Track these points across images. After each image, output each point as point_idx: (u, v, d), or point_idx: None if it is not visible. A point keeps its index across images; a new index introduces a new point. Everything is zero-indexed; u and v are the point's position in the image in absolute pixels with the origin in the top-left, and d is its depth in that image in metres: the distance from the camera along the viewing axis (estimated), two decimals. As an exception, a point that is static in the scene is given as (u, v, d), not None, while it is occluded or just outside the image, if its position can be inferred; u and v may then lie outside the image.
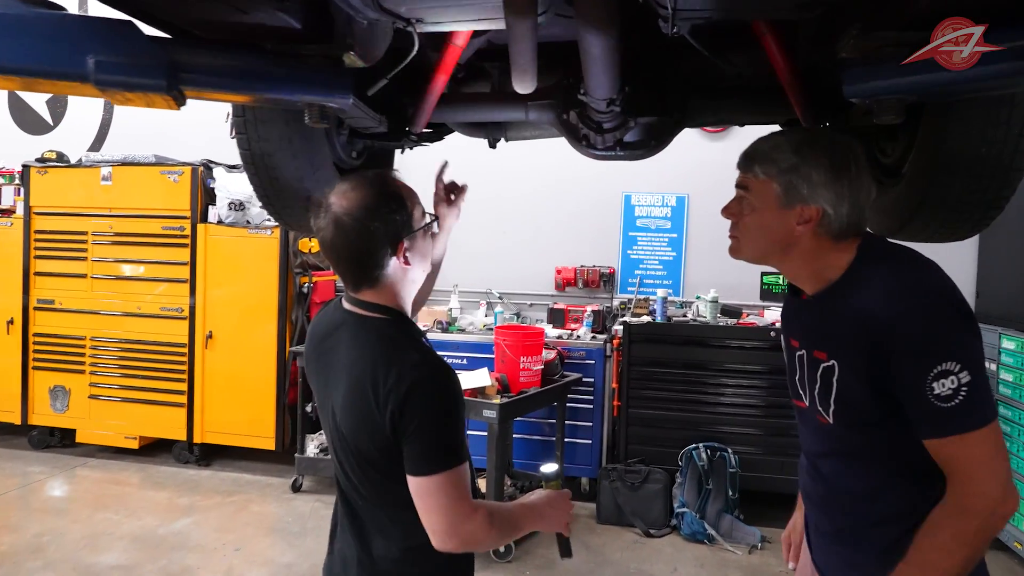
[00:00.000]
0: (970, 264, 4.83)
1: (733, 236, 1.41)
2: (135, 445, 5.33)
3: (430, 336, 5.03)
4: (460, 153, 5.68)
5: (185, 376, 5.19)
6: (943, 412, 1.18)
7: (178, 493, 4.77)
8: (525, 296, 5.47)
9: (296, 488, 4.83)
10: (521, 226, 5.49)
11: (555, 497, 1.53)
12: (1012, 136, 1.51)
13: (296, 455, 4.83)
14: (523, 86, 1.63)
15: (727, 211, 1.41)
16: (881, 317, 1.22)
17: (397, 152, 2.31)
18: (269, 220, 5.23)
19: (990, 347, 4.32)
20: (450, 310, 5.22)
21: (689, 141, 5.08)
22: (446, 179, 1.77)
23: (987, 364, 4.37)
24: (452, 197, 1.76)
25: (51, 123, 6.29)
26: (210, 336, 5.13)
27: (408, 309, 1.46)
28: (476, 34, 1.78)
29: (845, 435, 1.35)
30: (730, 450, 4.33)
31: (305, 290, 5.14)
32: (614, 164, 5.03)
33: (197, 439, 5.20)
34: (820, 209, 1.29)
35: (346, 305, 1.45)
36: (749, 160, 1.36)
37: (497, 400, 3.93)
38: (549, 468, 1.61)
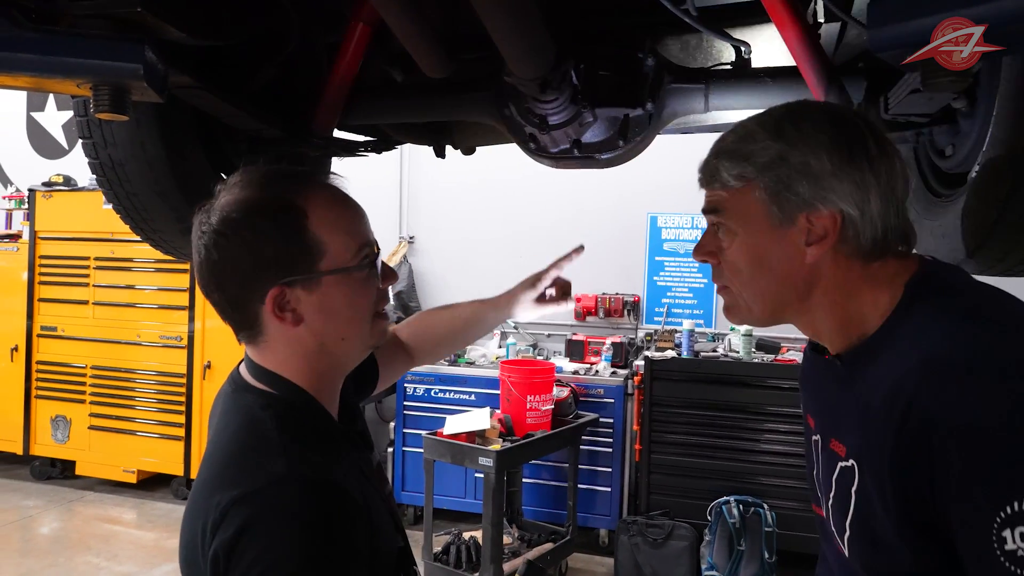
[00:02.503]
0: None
1: (722, 288, 0.94)
2: (133, 479, 5.08)
3: (437, 370, 4.68)
4: (470, 168, 5.32)
5: (183, 408, 4.94)
6: None
7: (168, 534, 4.47)
8: (542, 326, 5.03)
9: (291, 531, 4.48)
10: (538, 249, 5.03)
11: None
12: None
13: (292, 496, 4.49)
14: (430, 69, 1.23)
15: (699, 251, 0.94)
16: (923, 402, 0.73)
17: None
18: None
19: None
20: (459, 341, 4.82)
21: (721, 156, 4.60)
22: (563, 271, 1.34)
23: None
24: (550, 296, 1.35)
25: (66, 147, 6.22)
26: (208, 366, 4.87)
27: (324, 385, 0.95)
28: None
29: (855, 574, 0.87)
30: (766, 505, 3.78)
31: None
32: (637, 181, 4.60)
33: (194, 475, 4.90)
34: (836, 213, 0.83)
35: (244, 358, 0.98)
36: (710, 166, 0.90)
37: (496, 446, 3.49)
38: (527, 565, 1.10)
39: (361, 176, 5.92)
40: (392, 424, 4.77)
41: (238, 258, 0.87)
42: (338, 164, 5.16)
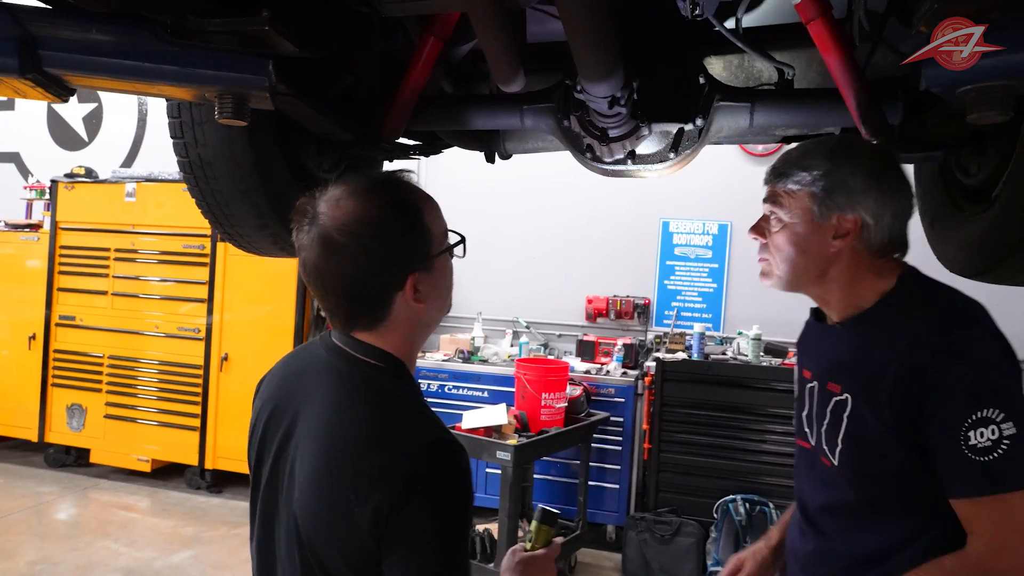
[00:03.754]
0: None
1: (763, 259, 1.29)
2: (147, 468, 5.17)
3: (450, 367, 4.79)
4: (488, 172, 5.42)
5: (199, 399, 5.03)
6: (979, 466, 1.05)
7: (184, 522, 4.56)
8: (554, 326, 5.15)
9: (304, 522, 4.57)
10: (552, 252, 5.19)
11: (533, 563, 1.15)
12: None
13: (306, 487, 4.58)
14: (507, 83, 1.34)
15: (756, 230, 1.29)
16: (919, 353, 1.10)
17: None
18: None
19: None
20: (473, 339, 4.93)
21: (732, 166, 4.73)
22: None
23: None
24: None
25: (86, 139, 6.30)
26: (225, 358, 4.96)
27: (414, 360, 1.11)
28: (467, 27, 1.50)
29: (852, 483, 1.21)
30: (771, 504, 3.90)
31: (323, 313, 4.93)
32: (651, 188, 4.72)
33: (208, 465, 5.01)
34: (859, 219, 1.18)
35: (333, 339, 1.09)
36: (778, 171, 1.25)
37: (513, 441, 3.60)
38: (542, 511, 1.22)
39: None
40: (405, 419, 4.87)
41: (384, 255, 1.01)
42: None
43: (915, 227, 1.93)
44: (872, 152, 1.20)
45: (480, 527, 3.96)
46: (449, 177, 5.38)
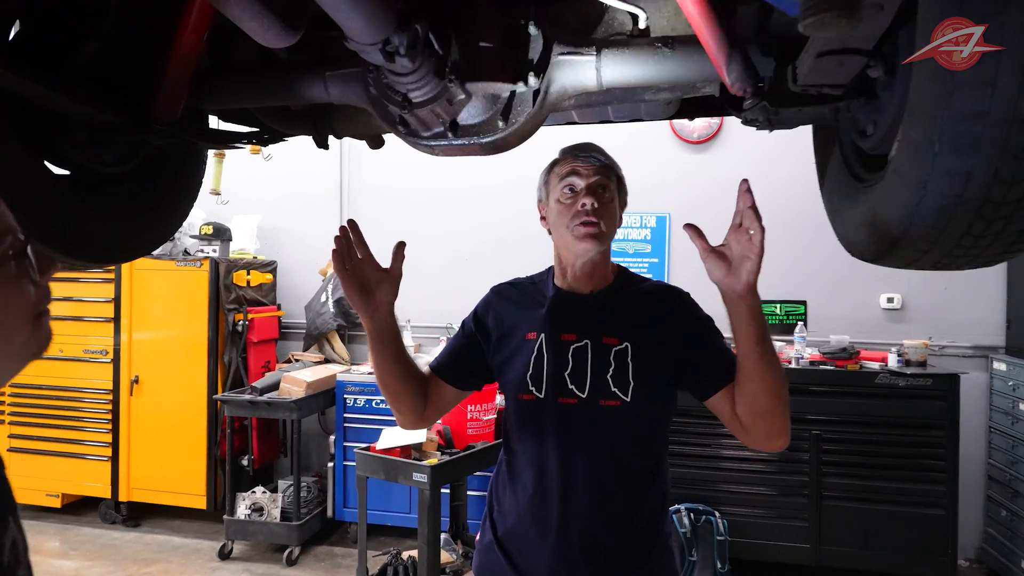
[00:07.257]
0: (998, 290, 4.12)
1: (594, 223, 1.39)
2: (58, 504, 4.77)
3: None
4: (415, 174, 5.11)
5: (110, 426, 4.65)
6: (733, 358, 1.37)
7: (91, 562, 4.19)
8: (489, 331, 4.85)
9: (224, 555, 4.22)
10: (484, 255, 4.90)
11: None
12: None
13: (225, 517, 4.23)
14: (264, 38, 1.02)
15: (599, 199, 1.40)
16: (678, 301, 1.46)
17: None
18: (202, 251, 4.72)
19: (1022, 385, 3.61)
20: (402, 349, 4.61)
21: (668, 153, 4.49)
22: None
23: (1020, 405, 3.64)
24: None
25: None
26: (136, 381, 4.60)
27: None
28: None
29: (644, 409, 1.40)
30: (718, 513, 3.64)
31: (240, 328, 4.58)
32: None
33: (123, 497, 4.64)
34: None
35: None
36: (600, 157, 1.44)
37: (432, 460, 3.30)
38: None
39: (299, 179, 5.63)
40: (332, 437, 4.54)
41: None
42: (277, 168, 4.87)
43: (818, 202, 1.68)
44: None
45: (405, 554, 3.65)
46: (373, 179, 5.08)
